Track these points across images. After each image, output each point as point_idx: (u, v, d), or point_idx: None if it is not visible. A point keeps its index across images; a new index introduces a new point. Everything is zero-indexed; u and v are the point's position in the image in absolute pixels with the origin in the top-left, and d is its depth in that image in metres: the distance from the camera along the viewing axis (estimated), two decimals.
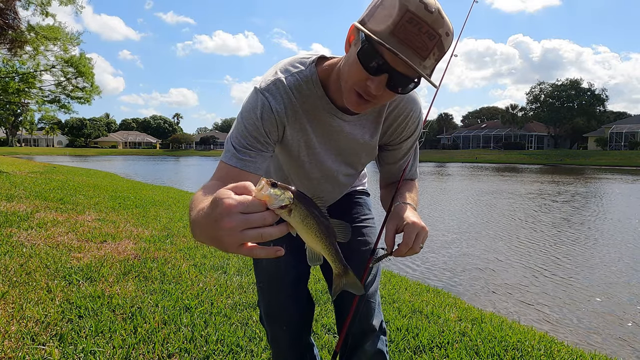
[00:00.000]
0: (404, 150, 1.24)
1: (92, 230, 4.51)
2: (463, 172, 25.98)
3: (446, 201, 11.96)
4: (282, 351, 1.43)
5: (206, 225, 0.65)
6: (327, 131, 1.13)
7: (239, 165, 1.01)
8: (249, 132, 1.03)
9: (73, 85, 13.97)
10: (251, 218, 0.61)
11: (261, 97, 1.04)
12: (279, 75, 1.06)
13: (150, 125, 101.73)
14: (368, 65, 0.89)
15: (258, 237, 0.62)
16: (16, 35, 11.57)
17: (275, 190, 0.62)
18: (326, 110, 1.09)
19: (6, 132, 72.43)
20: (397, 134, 1.19)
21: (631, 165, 33.77)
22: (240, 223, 0.60)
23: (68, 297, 2.58)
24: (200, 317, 2.44)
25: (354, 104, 0.97)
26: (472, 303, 3.73)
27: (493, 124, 69.70)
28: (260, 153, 1.04)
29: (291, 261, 1.33)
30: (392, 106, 1.14)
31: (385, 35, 0.85)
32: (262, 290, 1.40)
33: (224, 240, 0.62)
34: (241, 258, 3.83)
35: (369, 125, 1.15)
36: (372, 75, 0.89)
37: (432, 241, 6.61)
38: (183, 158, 53.55)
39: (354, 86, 0.93)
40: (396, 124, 1.17)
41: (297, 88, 1.06)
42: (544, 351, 2.37)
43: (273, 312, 1.38)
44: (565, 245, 6.43)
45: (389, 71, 0.88)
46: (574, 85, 57.84)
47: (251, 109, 1.04)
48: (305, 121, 1.11)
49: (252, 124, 1.03)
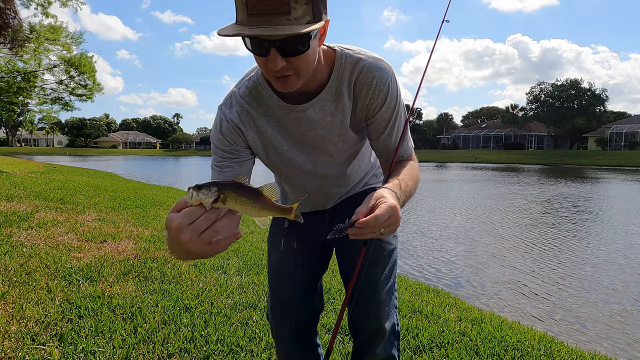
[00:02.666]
0: (383, 123, 1.16)
1: (92, 230, 4.51)
2: (463, 172, 25.99)
3: (447, 201, 11.96)
4: (285, 347, 1.43)
5: (173, 247, 0.74)
6: (287, 127, 1.15)
7: (222, 177, 1.11)
8: (217, 147, 1.15)
9: (75, 83, 14.00)
10: (198, 224, 0.71)
11: (219, 113, 1.16)
12: (233, 88, 1.17)
13: (151, 125, 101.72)
14: (256, 52, 0.92)
15: (213, 233, 0.72)
16: (15, 34, 11.58)
17: (202, 191, 0.71)
18: (279, 108, 1.12)
19: (6, 132, 72.45)
20: (369, 106, 1.14)
21: (631, 165, 33.76)
22: (193, 232, 0.70)
23: (68, 297, 2.58)
24: (200, 317, 2.44)
25: (279, 85, 0.99)
26: (472, 303, 3.73)
27: (493, 124, 69.70)
28: (235, 162, 1.14)
29: (300, 258, 1.36)
30: (354, 80, 1.10)
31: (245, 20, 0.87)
32: (270, 285, 1.42)
33: (191, 250, 0.71)
34: (241, 258, 3.84)
35: (328, 106, 1.12)
36: (265, 57, 0.91)
37: (432, 241, 6.62)
38: (183, 158, 53.58)
39: (268, 73, 0.96)
40: (362, 96, 1.12)
41: (248, 95, 1.13)
42: (544, 351, 2.37)
43: (278, 307, 1.39)
44: (566, 246, 6.43)
45: (271, 45, 0.88)
46: (574, 85, 57.82)
47: (214, 126, 1.16)
48: (264, 122, 1.15)
49: (217, 139, 1.14)
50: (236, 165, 1.14)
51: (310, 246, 1.39)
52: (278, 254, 1.38)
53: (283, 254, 1.36)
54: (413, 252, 5.95)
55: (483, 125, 71.88)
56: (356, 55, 1.10)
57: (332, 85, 1.10)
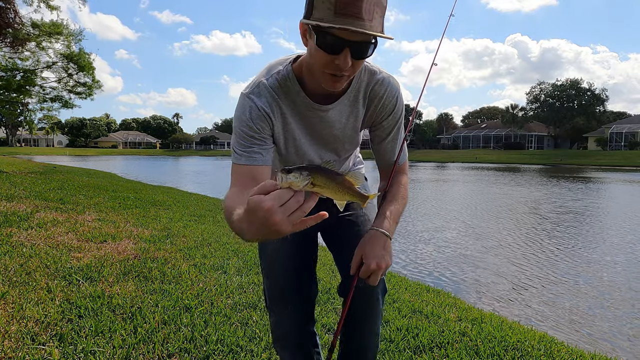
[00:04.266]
0: (387, 130, 1.34)
1: (92, 230, 4.51)
2: (464, 173, 25.99)
3: (447, 201, 11.96)
4: (283, 334, 1.46)
5: (257, 229, 0.77)
6: (308, 123, 1.26)
7: (248, 162, 1.15)
8: (246, 133, 1.16)
9: (75, 81, 13.99)
10: (289, 205, 0.74)
11: (247, 101, 1.18)
12: (261, 78, 1.21)
13: (151, 125, 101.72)
14: (329, 48, 1.00)
15: (302, 214, 0.76)
16: (16, 33, 11.57)
17: (292, 174, 0.75)
18: (304, 104, 1.22)
19: (6, 132, 72.42)
20: (377, 114, 1.30)
21: (631, 165, 33.76)
22: (284, 214, 0.74)
23: (68, 297, 2.58)
24: (200, 317, 2.44)
25: (331, 84, 1.08)
26: (472, 303, 3.73)
27: (493, 124, 69.70)
28: (261, 147, 1.18)
29: (294, 249, 1.42)
30: (369, 90, 1.26)
31: (331, 18, 0.95)
32: (267, 275, 1.45)
33: (280, 230, 0.75)
34: (241, 258, 3.84)
35: (345, 110, 1.26)
36: (337, 55, 1.01)
37: (432, 241, 6.62)
38: (183, 158, 53.58)
39: (325, 70, 1.05)
40: (373, 105, 1.28)
41: (277, 87, 1.20)
42: (544, 351, 2.37)
43: (276, 295, 1.43)
44: (566, 246, 6.43)
45: (347, 45, 0.99)
46: (574, 85, 57.85)
47: (242, 112, 1.18)
48: (288, 115, 1.23)
49: (246, 125, 1.16)
50: (263, 151, 1.18)
51: (303, 237, 1.44)
52: (274, 245, 1.41)
53: (279, 244, 1.39)
54: (414, 251, 5.95)
55: (483, 125, 71.89)
56: (373, 68, 1.26)
57: (351, 92, 1.24)
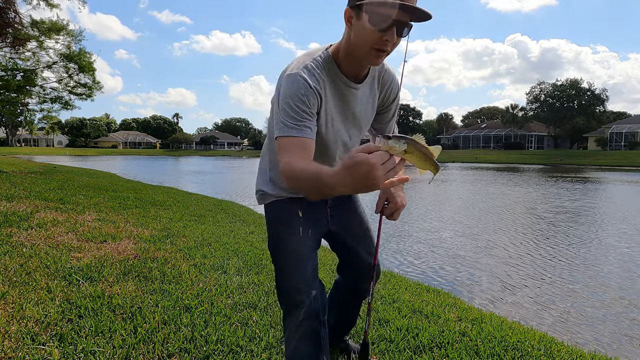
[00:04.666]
0: (391, 112, 1.59)
1: (92, 230, 4.51)
2: (464, 173, 25.98)
3: (447, 201, 11.96)
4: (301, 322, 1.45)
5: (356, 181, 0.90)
6: (344, 100, 1.41)
7: (299, 134, 1.24)
8: (299, 107, 1.25)
9: (75, 82, 13.96)
10: (388, 164, 0.88)
11: (298, 78, 1.28)
12: (306, 61, 1.33)
13: (151, 125, 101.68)
14: (381, 26, 1.17)
15: (394, 174, 0.90)
16: (16, 33, 11.57)
17: (393, 140, 0.88)
18: (343, 83, 1.38)
19: (6, 132, 72.41)
20: (387, 96, 1.53)
21: (631, 165, 33.76)
22: (384, 170, 0.88)
23: (68, 297, 2.58)
24: (200, 317, 2.44)
25: (375, 59, 1.26)
26: (472, 303, 3.73)
27: (493, 124, 69.70)
28: (310, 122, 1.28)
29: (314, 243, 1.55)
30: (381, 76, 1.48)
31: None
32: (286, 268, 1.50)
33: (377, 184, 0.88)
34: (241, 258, 3.83)
35: (367, 91, 1.46)
36: (386, 31, 1.18)
37: (432, 240, 6.62)
38: (183, 158, 53.57)
39: (374, 46, 1.21)
40: (384, 90, 1.51)
41: (322, 68, 1.34)
42: (544, 351, 2.37)
43: (299, 289, 1.46)
44: (567, 246, 6.43)
45: (395, 23, 1.17)
46: (574, 85, 57.83)
47: (296, 89, 1.26)
48: (330, 94, 1.37)
49: (300, 100, 1.26)
50: (312, 126, 1.27)
51: (315, 235, 1.58)
52: (298, 239, 1.50)
53: (303, 239, 1.49)
54: (413, 252, 5.95)
55: (483, 125, 71.89)
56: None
57: (371, 75, 1.44)
